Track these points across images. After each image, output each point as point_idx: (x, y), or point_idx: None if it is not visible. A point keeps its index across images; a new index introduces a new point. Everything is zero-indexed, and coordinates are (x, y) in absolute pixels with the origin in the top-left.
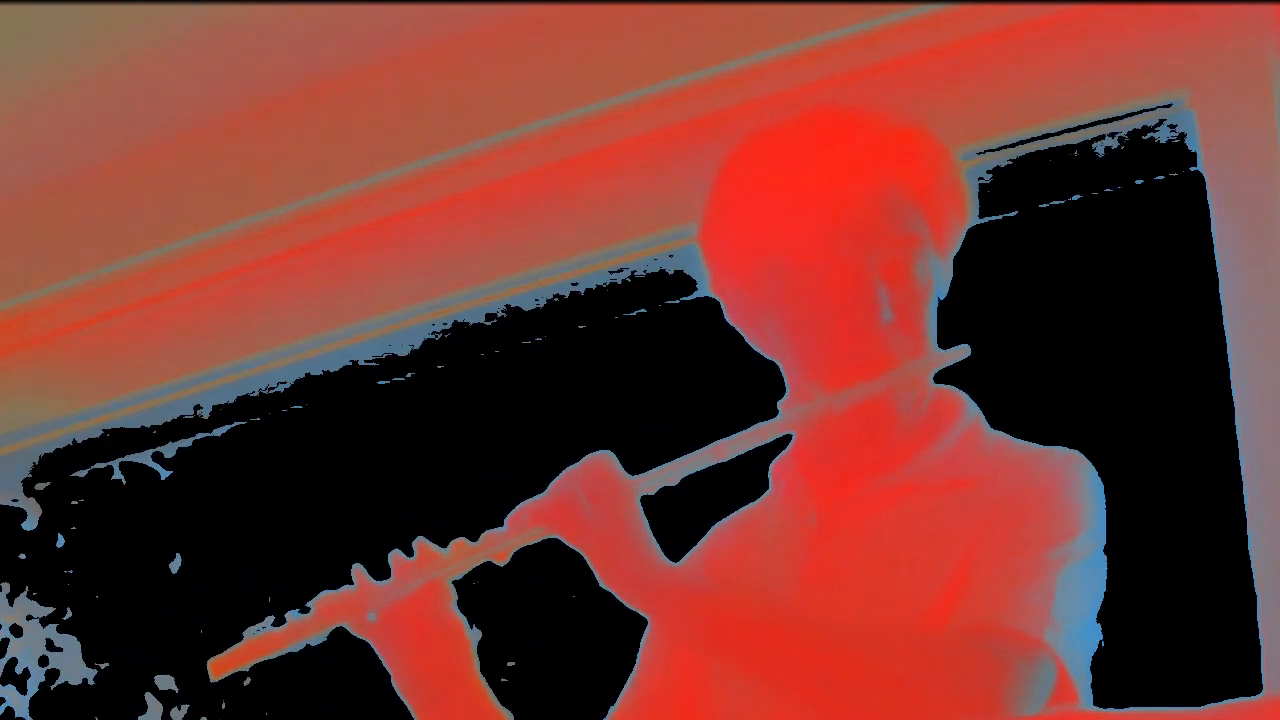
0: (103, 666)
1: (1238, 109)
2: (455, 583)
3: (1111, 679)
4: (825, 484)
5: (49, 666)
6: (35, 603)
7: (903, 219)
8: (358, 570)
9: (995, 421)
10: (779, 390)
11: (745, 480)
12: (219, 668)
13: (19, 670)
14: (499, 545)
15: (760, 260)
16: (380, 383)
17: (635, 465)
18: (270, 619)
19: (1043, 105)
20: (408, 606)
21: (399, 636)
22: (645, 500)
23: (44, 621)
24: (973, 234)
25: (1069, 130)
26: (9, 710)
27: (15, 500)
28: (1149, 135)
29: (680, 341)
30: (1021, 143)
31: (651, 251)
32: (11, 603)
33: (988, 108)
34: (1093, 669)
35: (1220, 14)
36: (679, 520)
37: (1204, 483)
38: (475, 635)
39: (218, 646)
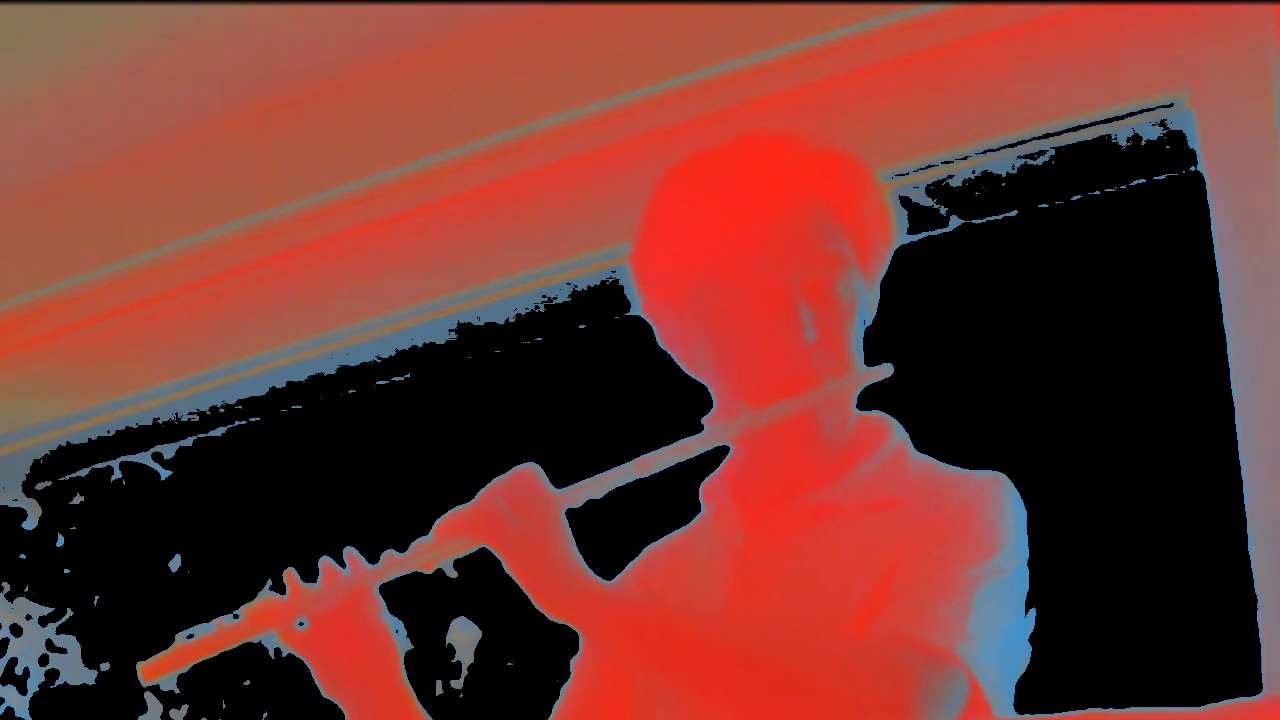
0: (103, 667)
1: (1238, 109)
2: (463, 582)
3: (1112, 679)
4: (751, 503)
5: (49, 666)
6: (35, 603)
7: (826, 239)
8: (289, 575)
9: (997, 422)
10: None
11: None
12: (150, 672)
13: (19, 670)
14: (427, 555)
15: (688, 282)
16: (379, 383)
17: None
18: (202, 623)
19: (1043, 105)
20: (336, 616)
21: (327, 645)
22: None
23: (44, 621)
24: (973, 234)
25: (1069, 130)
26: (9, 710)
27: (15, 500)
28: (1149, 135)
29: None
30: (1021, 143)
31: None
32: (11, 603)
33: (988, 108)
34: (1094, 668)
35: (1220, 14)
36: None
37: (1204, 483)
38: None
39: None
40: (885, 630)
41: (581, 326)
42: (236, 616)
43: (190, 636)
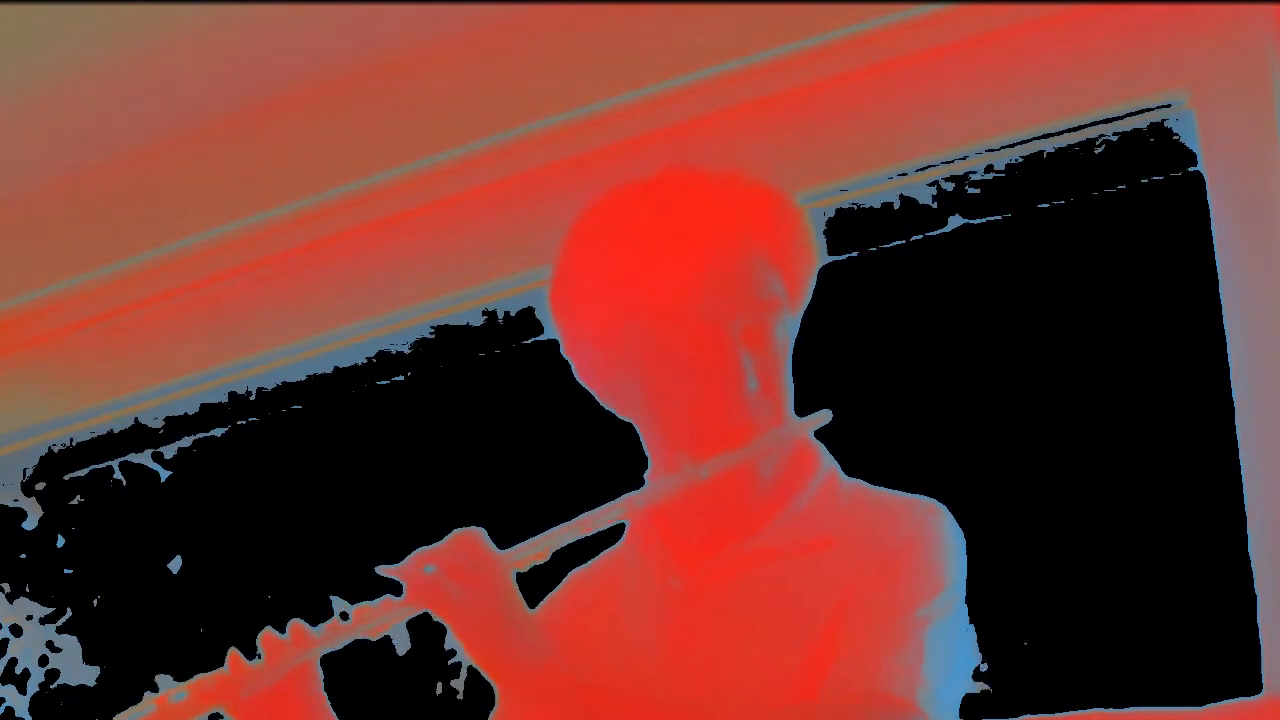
0: (103, 667)
1: (1238, 109)
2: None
3: (1112, 679)
4: (687, 548)
5: (49, 666)
6: (35, 603)
7: (764, 283)
8: (232, 654)
9: (997, 423)
10: None
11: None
12: None
13: (19, 670)
14: (371, 623)
15: (619, 327)
16: (379, 383)
17: (635, 464)
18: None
19: (1043, 105)
20: (276, 687)
21: (267, 713)
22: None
23: (44, 621)
24: (973, 234)
25: (1069, 130)
26: (9, 710)
27: (15, 500)
28: (1149, 135)
29: None
30: (1021, 143)
31: None
32: (11, 603)
33: (988, 107)
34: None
35: (1220, 14)
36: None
37: (1204, 483)
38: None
39: (218, 646)
40: (842, 685)
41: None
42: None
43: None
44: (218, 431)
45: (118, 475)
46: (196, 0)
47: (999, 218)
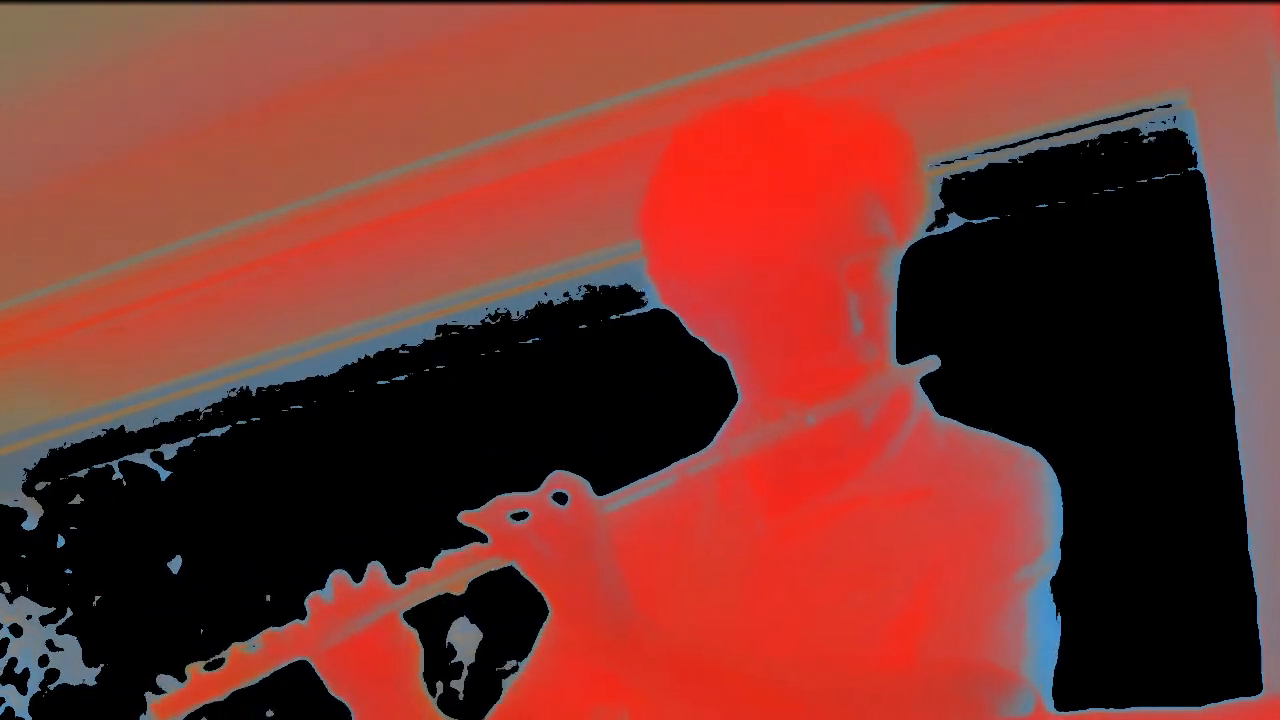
0: (103, 667)
1: (1238, 109)
2: (479, 583)
3: (1112, 679)
4: (777, 493)
5: (49, 666)
6: (35, 603)
7: (872, 220)
8: (314, 601)
9: (998, 424)
10: None
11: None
12: (164, 709)
13: (19, 670)
14: (458, 574)
15: (711, 257)
16: (379, 383)
17: (635, 464)
18: (224, 648)
19: (1043, 105)
20: (359, 637)
21: (349, 661)
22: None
23: (44, 621)
24: (973, 234)
25: (1069, 130)
26: (9, 710)
27: (15, 500)
28: (1149, 135)
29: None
30: (1021, 143)
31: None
32: (11, 603)
33: (988, 108)
34: (1092, 668)
35: (1220, 14)
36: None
37: (1204, 483)
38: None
39: (218, 646)
40: (942, 652)
41: (582, 326)
42: (254, 646)
43: (208, 668)
44: (218, 431)
45: (118, 475)
46: (196, 0)
47: (999, 218)
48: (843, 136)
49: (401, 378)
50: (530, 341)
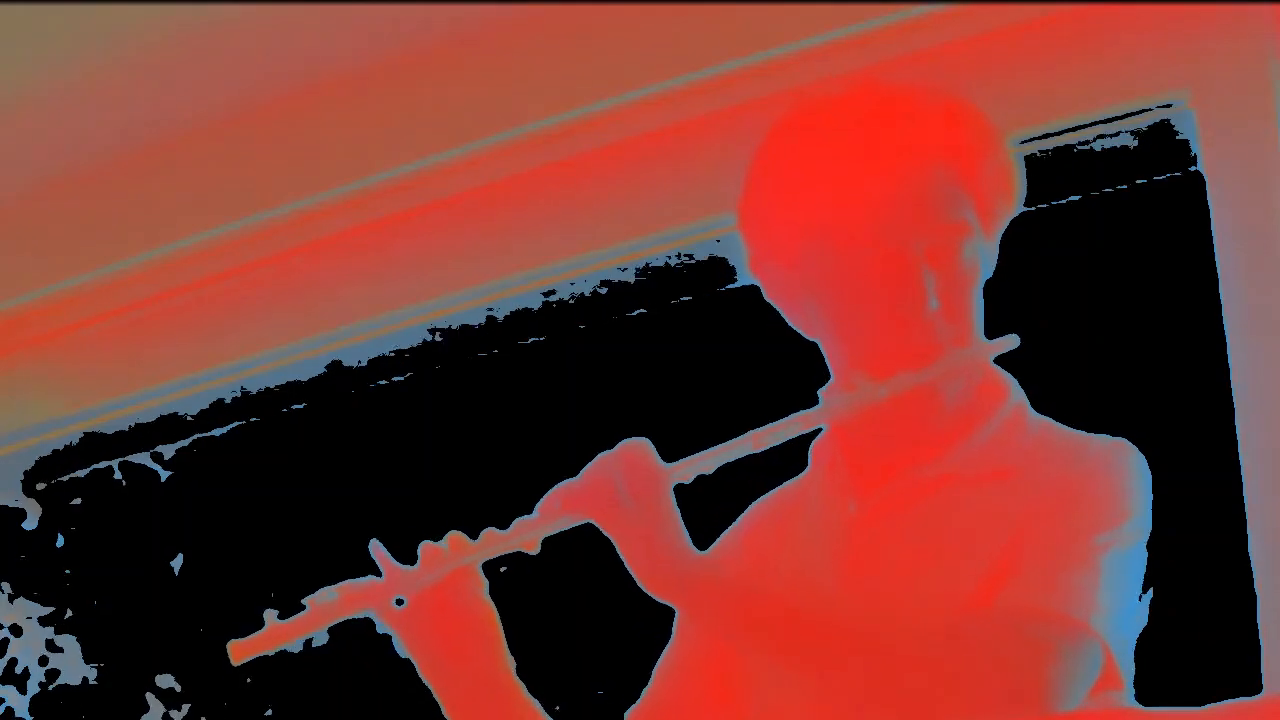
0: (103, 667)
1: (1238, 109)
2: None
3: None
4: (867, 471)
5: (49, 666)
6: (35, 603)
7: (951, 204)
8: (383, 557)
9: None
10: (763, 406)
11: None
12: (240, 651)
13: (19, 670)
14: (532, 532)
15: (802, 239)
16: (379, 383)
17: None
18: (275, 612)
19: (1043, 105)
20: (437, 595)
21: (427, 625)
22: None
23: (44, 621)
24: None
25: (1069, 130)
26: (9, 710)
27: (15, 500)
28: (1149, 135)
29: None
30: (1022, 143)
31: (655, 250)
32: (11, 603)
33: (988, 108)
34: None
35: (1220, 14)
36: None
37: (1204, 483)
38: None
39: (218, 646)
40: (1014, 601)
41: (581, 327)
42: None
43: (280, 617)
44: (218, 431)
45: (118, 475)
46: (197, 0)
47: None
48: (925, 124)
49: (401, 378)
50: (531, 341)
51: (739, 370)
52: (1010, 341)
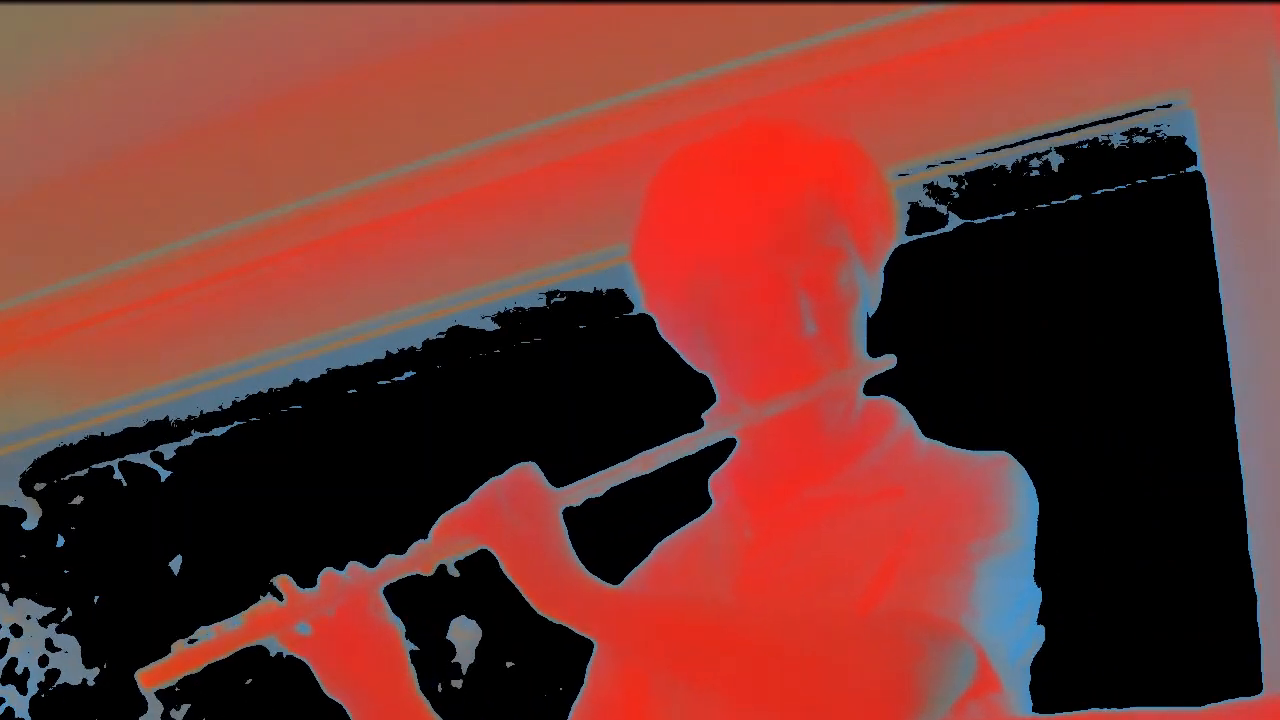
0: (103, 667)
1: (1238, 109)
2: (464, 582)
3: (1112, 679)
4: (759, 497)
5: (49, 666)
6: (35, 603)
7: (826, 231)
8: (284, 582)
9: (998, 423)
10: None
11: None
12: (149, 679)
13: (19, 670)
14: (426, 556)
15: (687, 273)
16: (380, 382)
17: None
18: (202, 627)
19: (1043, 105)
20: (340, 619)
21: (329, 647)
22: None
23: (44, 621)
24: (973, 234)
25: (1069, 130)
26: (9, 710)
27: (15, 500)
28: (1149, 135)
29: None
30: (1021, 143)
31: None
32: (11, 603)
33: (988, 108)
34: (1094, 667)
35: (1220, 14)
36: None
37: (1204, 483)
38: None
39: None
40: (889, 605)
41: (582, 327)
42: (237, 621)
43: (190, 642)
44: (218, 431)
45: (118, 475)
46: (197, 0)
47: (999, 218)
48: (799, 154)
49: (401, 378)
50: (531, 342)
51: None
52: (888, 361)
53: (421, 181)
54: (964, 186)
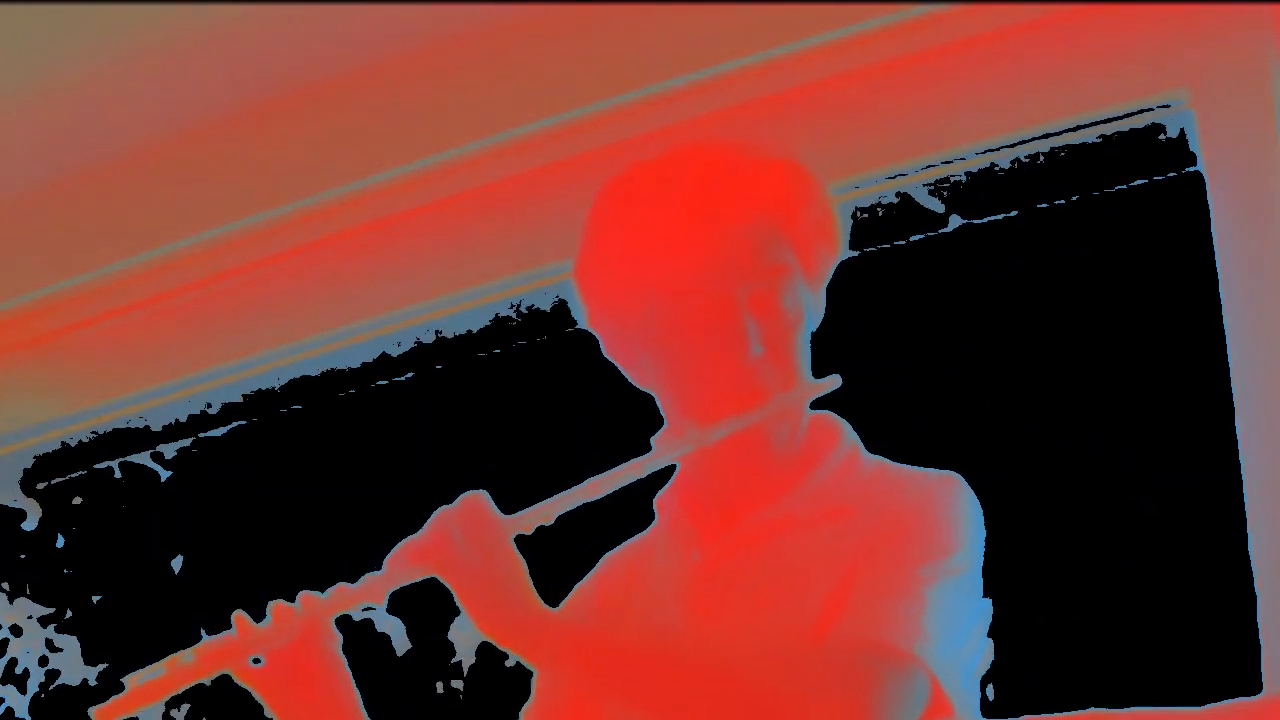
0: (103, 666)
1: (1238, 109)
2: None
3: (1112, 679)
4: (706, 519)
5: (49, 666)
6: (35, 603)
7: (770, 250)
8: (238, 616)
9: (998, 422)
10: None
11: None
12: (102, 716)
13: (19, 670)
14: (378, 587)
15: (631, 296)
16: (379, 382)
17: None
18: (155, 663)
19: (1043, 105)
20: (292, 651)
21: (284, 681)
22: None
23: (44, 621)
24: (973, 234)
25: (1069, 130)
26: (9, 710)
27: (15, 500)
28: (1149, 135)
29: None
30: (1021, 143)
31: None
32: (11, 603)
33: (988, 108)
34: (1095, 666)
35: (1220, 14)
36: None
37: (1204, 483)
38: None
39: None
40: (842, 632)
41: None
42: (189, 656)
43: (142, 679)
44: (218, 431)
45: (118, 475)
46: (197, 0)
47: (999, 218)
48: (739, 175)
49: (401, 378)
50: (529, 342)
51: None
52: (833, 382)
53: (421, 181)
54: (964, 186)
